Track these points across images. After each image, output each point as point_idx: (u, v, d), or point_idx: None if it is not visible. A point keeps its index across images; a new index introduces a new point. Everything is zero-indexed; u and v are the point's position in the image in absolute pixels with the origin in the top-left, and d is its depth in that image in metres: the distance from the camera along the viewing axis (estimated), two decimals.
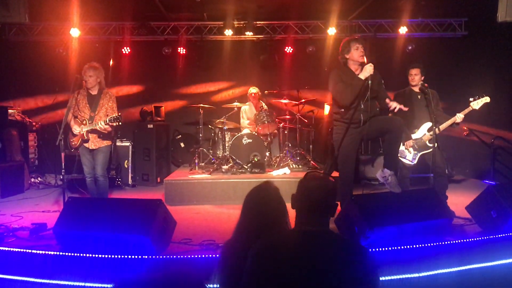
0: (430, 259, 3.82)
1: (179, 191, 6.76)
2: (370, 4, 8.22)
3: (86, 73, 5.55)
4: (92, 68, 5.58)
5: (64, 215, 4.37)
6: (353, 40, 4.98)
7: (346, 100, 4.86)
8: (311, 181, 2.28)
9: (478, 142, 8.54)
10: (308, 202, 2.20)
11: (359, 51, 4.89)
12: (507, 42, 8.02)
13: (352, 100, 4.83)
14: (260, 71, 9.76)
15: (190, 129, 9.83)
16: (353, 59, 4.94)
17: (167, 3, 8.32)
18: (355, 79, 4.81)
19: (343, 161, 4.99)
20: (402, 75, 6.08)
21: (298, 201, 2.26)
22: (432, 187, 5.16)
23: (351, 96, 4.80)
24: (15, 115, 8.52)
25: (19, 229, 4.94)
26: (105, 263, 3.77)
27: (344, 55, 5.02)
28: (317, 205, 2.18)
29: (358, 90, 4.77)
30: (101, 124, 5.38)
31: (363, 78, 4.73)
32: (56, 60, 9.11)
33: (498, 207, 4.56)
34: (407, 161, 5.67)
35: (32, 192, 7.83)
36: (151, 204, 4.24)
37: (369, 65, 4.73)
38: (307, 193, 2.23)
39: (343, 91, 4.85)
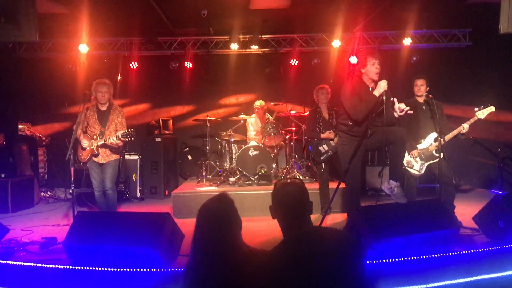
0: (437, 270, 3.83)
1: (186, 204, 6.80)
2: (374, 16, 8.29)
3: (98, 89, 5.66)
4: (104, 85, 5.70)
5: (74, 229, 4.43)
6: (370, 55, 4.92)
7: (359, 116, 4.84)
8: (282, 188, 2.44)
9: (485, 152, 8.52)
10: (287, 209, 2.36)
11: (374, 67, 4.85)
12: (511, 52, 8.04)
13: (366, 116, 4.83)
14: (266, 83, 9.84)
15: (197, 141, 9.90)
16: (367, 74, 4.91)
17: (174, 19, 8.45)
18: (369, 95, 4.79)
19: (349, 172, 4.99)
20: (407, 86, 6.11)
21: (278, 211, 2.40)
22: (438, 197, 5.16)
23: (365, 111, 4.79)
24: (25, 130, 8.65)
25: (30, 243, 5.00)
26: (114, 276, 3.81)
27: (360, 69, 5.00)
28: (296, 208, 2.35)
29: (372, 107, 4.76)
30: (113, 139, 5.45)
31: (377, 95, 4.73)
32: (65, 75, 9.23)
33: (506, 217, 4.55)
34: (415, 171, 5.67)
35: (42, 206, 7.92)
36: (159, 217, 4.29)
37: (383, 81, 4.71)
38: (283, 201, 2.38)
39: (357, 106, 4.83)
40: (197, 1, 7.40)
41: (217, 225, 2.36)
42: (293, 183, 2.46)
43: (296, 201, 2.35)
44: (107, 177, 5.70)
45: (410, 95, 5.91)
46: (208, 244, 2.34)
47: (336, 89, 9.07)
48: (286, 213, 2.36)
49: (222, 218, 2.39)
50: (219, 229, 2.36)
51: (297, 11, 8.09)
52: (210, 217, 2.40)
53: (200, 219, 2.43)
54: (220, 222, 2.37)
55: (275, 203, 2.42)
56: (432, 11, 8.12)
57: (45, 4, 7.01)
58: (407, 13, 8.24)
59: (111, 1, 7.23)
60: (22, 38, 4.52)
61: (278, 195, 2.42)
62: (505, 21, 4.50)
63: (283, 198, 2.39)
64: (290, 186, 2.43)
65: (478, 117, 5.44)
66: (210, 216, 2.40)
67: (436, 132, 5.47)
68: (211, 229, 2.36)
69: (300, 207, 2.35)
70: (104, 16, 7.94)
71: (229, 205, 2.44)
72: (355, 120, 4.90)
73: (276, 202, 2.42)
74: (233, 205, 2.45)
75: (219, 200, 2.46)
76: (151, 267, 3.86)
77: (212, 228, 2.36)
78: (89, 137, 5.68)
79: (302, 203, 2.36)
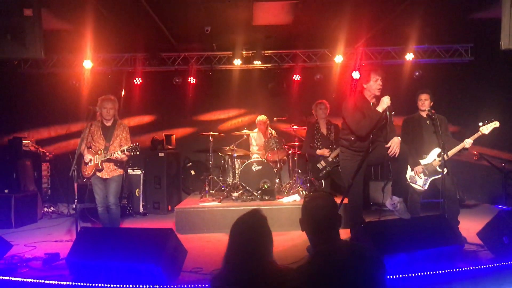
0: (442, 286, 3.80)
1: (189, 219, 6.78)
2: (376, 32, 8.36)
3: (104, 105, 5.73)
4: (110, 101, 5.77)
5: (77, 245, 4.42)
6: (373, 71, 4.96)
7: (363, 131, 4.86)
8: (312, 201, 2.47)
9: (489, 167, 8.49)
10: (316, 222, 2.38)
11: (377, 84, 4.88)
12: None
13: (369, 132, 4.84)
14: (269, 98, 9.88)
15: (200, 156, 9.92)
16: (370, 90, 4.94)
17: (177, 35, 8.54)
18: (373, 111, 4.80)
19: (352, 187, 4.98)
20: (409, 101, 6.13)
21: (306, 224, 2.43)
22: (442, 213, 5.13)
23: (368, 127, 4.81)
24: (29, 146, 8.70)
25: (33, 259, 5.01)
26: None
27: (362, 84, 5.03)
28: (325, 221, 2.37)
29: (375, 123, 4.77)
30: (118, 153, 5.49)
31: (381, 111, 4.74)
32: (69, 91, 9.30)
33: (510, 233, 4.51)
34: (418, 186, 5.66)
35: (45, 222, 7.92)
36: (162, 233, 4.28)
37: (386, 97, 4.74)
38: (312, 214, 2.41)
39: (360, 122, 4.85)
40: (200, 18, 7.48)
41: (251, 242, 2.40)
42: (323, 197, 2.49)
43: (325, 214, 2.38)
44: (110, 192, 5.73)
45: (413, 110, 5.93)
46: (241, 259, 2.36)
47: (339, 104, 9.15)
48: (315, 226, 2.39)
49: (256, 234, 2.43)
50: (253, 245, 2.39)
51: (300, 27, 8.16)
52: (245, 232, 2.43)
53: (234, 234, 2.46)
54: (254, 239, 2.41)
55: (305, 216, 2.45)
56: (434, 26, 8.18)
57: (50, 20, 7.09)
58: (409, 28, 8.30)
59: (116, 18, 7.32)
60: (28, 55, 4.59)
61: (308, 207, 2.46)
62: (506, 37, 4.54)
63: (313, 211, 2.42)
64: (320, 200, 2.46)
65: (482, 132, 5.42)
66: (245, 231, 2.44)
67: (439, 147, 5.46)
68: (245, 245, 2.39)
69: (329, 221, 2.38)
70: (108, 32, 8.03)
71: (262, 221, 2.47)
72: (358, 136, 4.91)
73: (305, 214, 2.45)
74: (266, 221, 2.48)
75: (253, 216, 2.49)
76: (154, 283, 3.85)
77: (246, 244, 2.39)
78: (93, 153, 5.71)
79: (332, 216, 2.39)
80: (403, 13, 7.24)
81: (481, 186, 9.09)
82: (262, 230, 2.44)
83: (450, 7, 7.22)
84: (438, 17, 7.70)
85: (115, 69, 9.49)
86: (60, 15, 7.06)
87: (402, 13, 7.24)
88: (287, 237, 5.96)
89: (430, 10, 7.32)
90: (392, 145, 4.69)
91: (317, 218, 2.39)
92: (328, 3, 7.00)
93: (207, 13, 7.24)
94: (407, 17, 7.59)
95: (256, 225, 2.46)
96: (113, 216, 5.79)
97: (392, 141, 4.72)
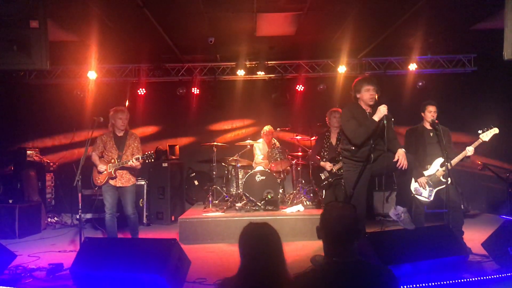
0: None
1: (193, 230, 6.77)
2: (379, 42, 8.40)
3: (119, 116, 5.94)
4: (124, 112, 5.99)
5: (81, 255, 4.42)
6: (365, 81, 4.95)
7: (358, 140, 4.85)
8: (332, 212, 2.39)
9: (494, 177, 8.47)
10: (334, 233, 2.31)
11: (369, 93, 4.86)
12: None
13: (364, 141, 4.85)
14: (272, 109, 9.91)
15: (204, 167, 9.92)
16: (363, 99, 4.94)
17: (181, 46, 8.61)
18: (369, 120, 4.80)
19: (355, 198, 4.96)
20: (412, 111, 6.13)
21: (324, 233, 2.36)
22: (447, 223, 5.11)
23: (363, 136, 4.80)
24: (33, 156, 8.73)
25: (36, 270, 5.00)
26: None
27: (356, 94, 5.02)
28: (343, 234, 2.29)
29: (371, 132, 4.77)
30: (133, 161, 5.72)
31: (377, 120, 4.74)
32: (73, 101, 9.37)
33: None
34: (423, 198, 5.63)
35: (49, 232, 7.92)
36: (166, 244, 4.27)
37: (383, 106, 4.72)
38: (330, 224, 2.34)
39: (356, 130, 4.85)
40: (204, 29, 7.55)
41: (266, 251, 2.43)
42: (345, 207, 2.42)
43: (345, 225, 2.30)
44: (127, 203, 5.92)
45: (416, 120, 5.93)
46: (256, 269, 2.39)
47: None
48: (330, 237, 2.32)
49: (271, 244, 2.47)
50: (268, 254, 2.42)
51: (303, 38, 8.22)
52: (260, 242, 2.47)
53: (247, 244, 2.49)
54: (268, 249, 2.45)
55: (324, 224, 2.39)
56: (437, 37, 8.21)
57: (55, 32, 7.17)
58: (412, 39, 8.34)
59: (120, 29, 7.40)
60: (33, 66, 4.62)
61: (326, 216, 2.39)
62: (508, 47, 4.54)
63: (331, 220, 2.35)
64: (341, 210, 2.38)
65: (483, 140, 5.41)
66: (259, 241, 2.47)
67: (442, 157, 5.45)
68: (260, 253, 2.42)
69: (348, 233, 2.30)
70: (113, 43, 8.11)
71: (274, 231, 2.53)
72: (354, 144, 4.91)
73: (324, 223, 2.39)
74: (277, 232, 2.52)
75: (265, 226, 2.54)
76: None
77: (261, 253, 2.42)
78: (106, 162, 5.86)
79: (351, 229, 2.31)
80: (405, 23, 7.29)
81: (485, 196, 9.06)
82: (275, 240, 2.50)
83: (453, 18, 7.26)
84: (441, 27, 7.74)
85: (119, 80, 9.55)
86: (65, 26, 7.15)
87: (405, 23, 7.28)
88: (290, 248, 5.94)
89: (433, 20, 7.36)
90: (400, 158, 4.68)
91: (337, 229, 2.31)
92: (331, 14, 7.05)
93: (211, 24, 7.31)
94: (410, 27, 7.64)
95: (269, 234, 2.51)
96: (132, 225, 6.01)
97: (398, 153, 4.71)
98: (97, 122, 5.75)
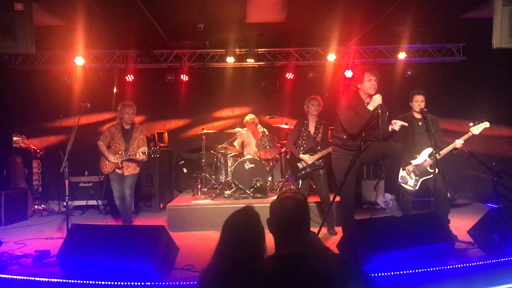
0: (433, 284, 3.82)
1: (181, 217, 6.78)
2: (368, 31, 8.38)
3: (126, 111, 6.36)
4: (131, 107, 6.41)
5: (68, 242, 4.39)
6: (367, 71, 4.92)
7: (353, 129, 4.87)
8: (280, 202, 2.31)
9: (480, 165, 8.56)
10: (285, 223, 2.21)
11: (371, 83, 4.85)
12: (505, 66, 8.13)
13: (360, 130, 4.86)
14: (262, 97, 9.89)
15: (193, 154, 9.89)
16: (364, 89, 4.91)
17: (170, 32, 8.49)
18: (363, 110, 4.82)
19: (344, 186, 4.98)
20: (401, 100, 6.14)
21: (275, 224, 2.26)
22: (434, 211, 5.16)
23: (359, 126, 4.82)
24: (20, 143, 8.62)
25: (23, 257, 4.96)
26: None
27: (356, 84, 5.00)
28: (295, 223, 2.21)
29: (366, 121, 4.78)
30: (140, 155, 6.19)
31: (371, 109, 4.75)
32: (60, 88, 9.25)
33: (500, 231, 4.55)
34: (409, 187, 5.69)
35: (36, 219, 7.86)
36: (154, 231, 4.27)
37: (378, 96, 4.73)
38: (282, 215, 2.24)
39: (352, 120, 4.85)
40: (193, 15, 7.45)
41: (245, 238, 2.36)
42: (293, 197, 2.31)
43: (291, 216, 2.22)
44: (127, 186, 6.37)
45: (405, 109, 5.94)
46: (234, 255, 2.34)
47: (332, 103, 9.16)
48: (279, 228, 2.23)
49: (250, 231, 2.39)
50: (246, 241, 2.36)
51: (293, 25, 8.16)
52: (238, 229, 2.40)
53: (227, 230, 2.44)
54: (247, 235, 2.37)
55: (271, 216, 2.30)
56: (427, 26, 8.22)
57: (41, 16, 7.03)
58: (401, 27, 8.33)
59: (108, 14, 7.27)
60: (18, 50, 4.55)
61: (274, 208, 2.30)
62: (497, 36, 4.57)
63: (279, 211, 2.26)
64: (288, 200, 2.29)
65: (473, 133, 5.46)
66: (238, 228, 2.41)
67: (431, 147, 5.48)
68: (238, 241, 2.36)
69: (295, 224, 2.21)
70: (101, 28, 7.98)
71: (255, 218, 2.44)
72: (349, 134, 4.92)
73: (272, 215, 2.30)
74: (259, 218, 2.44)
75: (247, 212, 2.46)
76: (146, 281, 3.83)
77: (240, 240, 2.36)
78: (114, 152, 6.31)
79: (298, 219, 2.22)
80: (395, 12, 7.26)
81: (472, 185, 9.16)
82: (255, 227, 2.42)
83: (443, 7, 7.25)
84: (431, 16, 7.74)
85: (107, 66, 9.44)
86: (51, 10, 7.00)
87: (395, 12, 7.26)
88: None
89: (423, 9, 7.35)
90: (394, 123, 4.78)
91: (285, 220, 2.22)
92: (321, 1, 7.00)
93: (200, 9, 7.21)
94: (400, 16, 7.63)
95: (249, 221, 2.43)
96: (127, 206, 6.43)
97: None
98: (84, 108, 5.70)
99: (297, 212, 2.24)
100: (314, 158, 6.31)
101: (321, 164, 6.33)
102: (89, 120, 9.44)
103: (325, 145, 6.41)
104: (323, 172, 6.35)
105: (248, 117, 8.56)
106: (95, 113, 9.39)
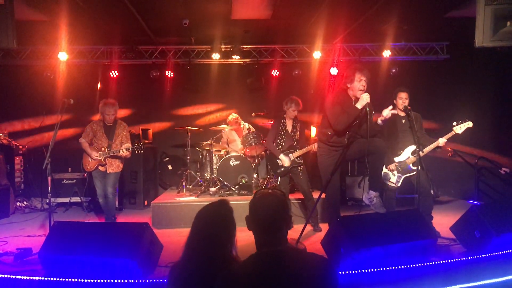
0: (415, 280, 3.86)
1: (166, 214, 6.75)
2: (354, 29, 8.43)
3: (106, 111, 6.17)
4: (112, 106, 6.22)
5: (50, 239, 4.34)
6: (358, 71, 4.93)
7: (339, 126, 4.89)
8: (260, 199, 2.29)
9: (463, 163, 8.66)
10: (265, 221, 2.20)
11: (360, 84, 4.89)
12: (487, 65, 8.24)
13: (346, 127, 4.89)
14: (247, 93, 9.87)
15: (178, 151, 9.85)
16: (353, 89, 4.95)
17: (155, 28, 8.43)
18: (351, 108, 4.84)
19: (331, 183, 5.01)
20: (385, 98, 6.18)
21: (255, 222, 2.24)
22: (417, 208, 5.22)
23: (345, 123, 4.85)
24: (1, 139, 8.48)
25: (4, 254, 4.90)
26: (91, 287, 3.75)
27: (346, 83, 5.02)
28: (274, 221, 2.19)
29: (353, 119, 4.82)
30: (123, 151, 6.10)
31: (359, 107, 4.78)
32: (43, 83, 9.12)
33: (481, 228, 4.62)
34: (391, 183, 5.75)
35: (18, 216, 7.76)
36: (138, 228, 4.24)
37: (366, 94, 4.78)
38: (261, 212, 2.22)
39: (339, 116, 4.87)
40: (178, 10, 7.40)
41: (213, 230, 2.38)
42: (273, 195, 2.29)
43: (272, 214, 2.19)
44: (110, 184, 6.26)
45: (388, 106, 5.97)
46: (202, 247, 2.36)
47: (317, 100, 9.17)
48: (260, 226, 2.21)
49: (219, 224, 2.40)
50: (215, 233, 2.37)
51: (278, 22, 8.16)
52: (209, 221, 2.42)
53: (197, 222, 2.45)
54: (216, 227, 2.39)
55: (251, 214, 2.27)
56: (411, 24, 8.28)
57: (23, 10, 6.92)
58: (386, 25, 8.39)
59: (92, 9, 7.18)
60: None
61: (254, 205, 2.27)
62: (480, 34, 4.63)
63: (259, 209, 2.23)
64: (268, 198, 2.27)
65: (456, 132, 5.56)
66: (208, 219, 2.42)
67: (414, 144, 5.54)
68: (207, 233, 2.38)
69: (276, 222, 2.19)
70: (84, 23, 7.88)
71: (228, 211, 2.46)
72: (335, 130, 4.95)
73: (252, 213, 2.27)
74: (231, 213, 2.46)
75: (219, 205, 2.48)
76: (129, 278, 3.81)
77: (208, 232, 2.38)
78: (97, 149, 6.18)
79: (278, 217, 2.20)
80: (380, 10, 7.31)
81: (454, 182, 9.27)
82: (226, 220, 2.42)
83: (428, 5, 7.31)
84: (415, 14, 7.80)
85: (91, 62, 9.34)
86: (33, 5, 6.89)
87: (380, 10, 7.31)
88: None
89: (407, 7, 7.41)
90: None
91: (264, 218, 2.19)
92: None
93: (185, 5, 7.17)
94: (384, 14, 7.67)
95: (220, 214, 2.43)
96: (110, 204, 6.33)
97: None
98: (67, 104, 5.63)
99: (277, 209, 2.21)
100: (296, 155, 6.39)
101: (301, 161, 6.46)
102: (72, 116, 9.33)
103: (303, 143, 6.55)
104: (302, 168, 6.47)
105: (231, 116, 8.54)
106: (79, 109, 9.29)
